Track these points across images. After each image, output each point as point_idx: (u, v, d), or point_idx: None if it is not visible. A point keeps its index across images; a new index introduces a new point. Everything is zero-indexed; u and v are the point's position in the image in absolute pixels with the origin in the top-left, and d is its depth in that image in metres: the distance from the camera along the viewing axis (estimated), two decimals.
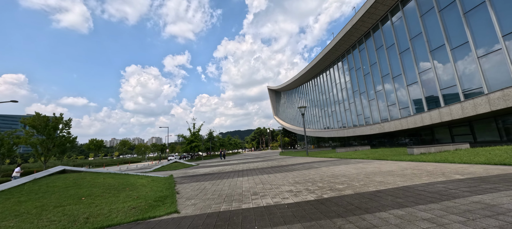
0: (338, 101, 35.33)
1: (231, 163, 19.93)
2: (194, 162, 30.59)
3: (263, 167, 12.86)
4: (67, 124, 21.98)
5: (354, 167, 8.84)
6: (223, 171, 12.76)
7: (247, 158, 27.67)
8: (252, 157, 31.57)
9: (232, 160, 25.60)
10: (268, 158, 22.80)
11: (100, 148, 44.40)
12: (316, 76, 43.72)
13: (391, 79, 22.78)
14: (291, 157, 21.10)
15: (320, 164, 11.58)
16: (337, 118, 36.04)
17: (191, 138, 40.54)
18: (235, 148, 77.55)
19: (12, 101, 22.80)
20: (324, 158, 15.34)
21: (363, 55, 27.56)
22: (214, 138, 51.18)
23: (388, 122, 22.01)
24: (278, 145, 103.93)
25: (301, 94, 54.28)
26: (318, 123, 44.26)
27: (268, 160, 20.38)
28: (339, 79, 34.44)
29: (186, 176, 11.78)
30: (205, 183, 8.47)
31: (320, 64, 37.55)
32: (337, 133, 34.02)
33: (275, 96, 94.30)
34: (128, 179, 9.44)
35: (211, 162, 27.38)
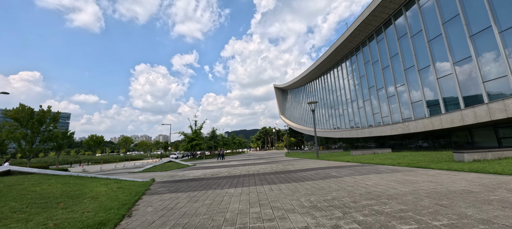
0: (350, 99, 32.27)
1: (229, 165, 17.52)
2: (192, 161, 28.41)
3: (265, 173, 10.33)
4: (55, 118, 20.23)
5: (396, 180, 6.18)
6: (215, 176, 10.33)
7: (250, 159, 25.21)
8: (256, 157, 29.08)
9: (233, 161, 23.21)
10: (272, 160, 20.26)
11: (100, 144, 43.13)
12: (326, 72, 40.69)
13: (416, 72, 19.69)
14: (299, 159, 18.47)
15: (340, 171, 8.93)
16: (349, 117, 32.98)
17: (192, 136, 38.49)
18: (239, 148, 75.29)
19: (3, 93, 21.25)
20: (340, 163, 12.63)
21: (382, 46, 24.48)
22: (217, 137, 49.01)
23: (414, 121, 18.95)
24: (284, 145, 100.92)
25: (309, 93, 51.29)
26: (328, 122, 41.24)
27: (272, 162, 17.81)
28: (352, 75, 31.37)
29: (170, 181, 9.43)
30: (181, 197, 6.05)
31: (331, 58, 34.56)
32: (349, 133, 31.00)
33: (281, 95, 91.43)
34: (85, 186, 7.16)
35: (210, 162, 25.09)
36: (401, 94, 21.98)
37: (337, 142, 40.25)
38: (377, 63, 25.45)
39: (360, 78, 29.37)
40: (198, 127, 39.96)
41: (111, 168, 25.26)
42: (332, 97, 38.65)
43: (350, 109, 32.74)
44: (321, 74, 42.99)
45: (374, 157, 13.87)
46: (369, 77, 27.37)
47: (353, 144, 35.19)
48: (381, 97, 25.29)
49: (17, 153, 39.54)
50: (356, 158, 14.42)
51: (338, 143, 40.10)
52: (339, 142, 39.67)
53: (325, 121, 42.45)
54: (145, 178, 10.82)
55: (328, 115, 40.95)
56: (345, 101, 34.02)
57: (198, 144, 37.82)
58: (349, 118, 33.02)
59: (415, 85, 20.19)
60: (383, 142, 27.11)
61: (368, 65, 27.31)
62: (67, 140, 34.91)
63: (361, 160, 13.03)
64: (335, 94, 37.46)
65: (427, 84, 18.87)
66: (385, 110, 24.65)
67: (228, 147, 57.27)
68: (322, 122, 44.07)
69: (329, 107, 40.36)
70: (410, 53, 20.46)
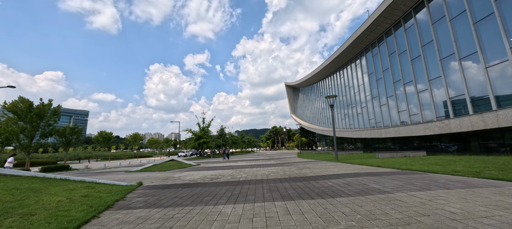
0: (370, 96, 29.16)
1: (235, 166, 15.52)
2: (198, 160, 26.78)
3: (277, 179, 8.19)
4: (56, 113, 19.31)
5: (495, 204, 3.81)
6: (215, 181, 8.35)
7: (259, 159, 23.13)
8: (265, 158, 26.96)
9: (240, 161, 21.24)
10: (284, 161, 18.04)
11: (109, 140, 43.02)
12: (342, 68, 37.61)
13: (457, 60, 16.59)
14: (314, 161, 16.11)
15: (380, 181, 6.60)
16: (368, 116, 29.89)
17: (200, 133, 37.01)
18: (249, 147, 73.49)
19: (9, 87, 20.68)
20: (370, 168, 10.19)
21: (412, 34, 21.38)
22: (225, 135, 47.38)
23: (457, 119, 15.80)
24: (295, 145, 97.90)
25: (322, 90, 48.26)
26: (343, 122, 38.17)
27: (284, 163, 15.59)
28: (373, 69, 28.26)
29: (157, 187, 7.58)
30: (152, 218, 4.08)
31: (349, 51, 31.58)
32: (370, 133, 27.97)
33: (293, 93, 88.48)
34: (39, 193, 5.44)
35: (216, 161, 23.29)
36: (436, 89, 18.87)
37: (352, 143, 37.11)
38: (405, 53, 22.34)
39: (383, 72, 26.26)
40: (206, 124, 38.45)
41: (115, 165, 24.22)
42: (349, 94, 35.57)
43: (369, 107, 29.64)
44: (336, 70, 39.93)
45: (411, 162, 11.25)
46: (395, 70, 24.26)
47: (371, 145, 32.04)
48: (409, 93, 22.18)
49: None
50: (387, 162, 11.85)
51: (353, 143, 36.98)
52: (355, 143, 36.55)
53: (340, 120, 39.38)
54: (133, 181, 9.08)
55: (343, 114, 37.87)
56: (364, 99, 30.93)
57: (206, 142, 36.27)
58: (368, 117, 29.93)
59: (454, 77, 17.08)
60: (402, 144, 23.97)
61: (394, 56, 24.21)
62: (76, 136, 34.74)
63: (395, 165, 10.50)
64: (352, 91, 34.37)
65: (471, 76, 15.75)
66: (414, 107, 21.55)
67: (237, 146, 55.55)
68: (337, 121, 41.02)
69: (344, 105, 37.30)
70: (448, 39, 17.35)
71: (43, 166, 18.75)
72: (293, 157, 25.13)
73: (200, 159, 30.48)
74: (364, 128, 30.50)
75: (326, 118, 47.18)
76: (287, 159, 21.44)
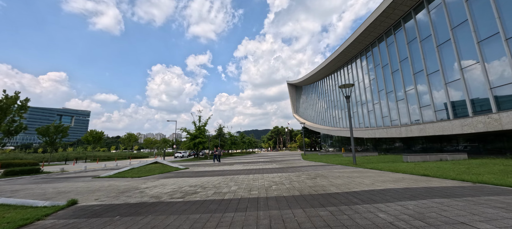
0: (384, 91, 26.03)
1: (228, 170, 12.56)
2: (190, 163, 23.82)
3: (282, 196, 5.20)
4: (23, 107, 16.61)
5: None
6: (190, 198, 5.36)
7: (259, 161, 20.16)
8: (266, 159, 23.98)
9: (236, 164, 18.29)
10: (288, 164, 15.06)
11: (100, 140, 40.36)
12: (349, 62, 34.53)
13: (502, 42, 13.46)
14: (325, 165, 13.11)
15: (473, 210, 3.56)
16: (382, 113, 26.76)
17: (195, 133, 34.14)
18: (249, 147, 70.50)
19: None
20: (416, 179, 7.16)
21: (439, 15, 18.24)
22: (224, 134, 44.47)
23: None
24: (297, 146, 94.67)
25: (327, 87, 45.10)
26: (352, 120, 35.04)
27: (289, 168, 12.58)
28: (388, 61, 25.14)
29: (96, 211, 4.65)
30: None
31: (360, 41, 28.49)
32: (386, 132, 24.78)
33: (295, 92, 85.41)
34: None
35: (210, 164, 20.35)
36: (472, 77, 15.72)
37: (359, 144, 33.95)
38: (429, 39, 19.23)
39: (400, 62, 23.13)
40: (202, 123, 35.58)
41: (99, 167, 21.40)
42: (358, 90, 32.45)
43: (383, 104, 26.50)
44: (342, 65, 36.82)
45: (468, 168, 8.19)
46: (415, 59, 21.14)
47: (379, 146, 28.96)
48: (434, 85, 19.06)
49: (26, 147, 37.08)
50: (430, 168, 8.80)
51: (366, 144, 33.83)
52: (367, 143, 33.41)
53: (346, 120, 36.29)
54: (82, 194, 6.18)
55: (352, 111, 34.74)
56: (377, 94, 27.79)
57: (202, 142, 33.38)
58: (382, 114, 26.79)
59: (499, 61, 13.94)
60: (411, 144, 20.85)
61: (414, 44, 21.09)
62: (61, 134, 32.08)
63: (449, 173, 7.45)
64: (362, 87, 31.25)
65: None
66: (439, 103, 18.42)
67: (237, 146, 52.58)
68: (344, 120, 37.90)
69: (352, 103, 34.16)
70: (488, 16, 14.23)
71: (7, 169, 16.02)
72: (297, 159, 22.08)
73: (195, 161, 27.58)
74: (378, 127, 27.34)
75: (331, 117, 44.00)
76: (292, 161, 18.41)
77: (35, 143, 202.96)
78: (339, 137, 44.97)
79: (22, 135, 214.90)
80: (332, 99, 43.22)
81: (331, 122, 43.78)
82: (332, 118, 43.40)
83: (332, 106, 43.20)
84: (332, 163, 14.39)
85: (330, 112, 44.62)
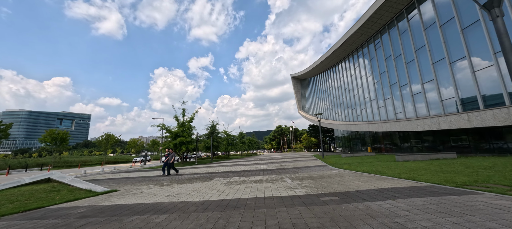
0: (426, 73, 17.91)
1: (174, 205, 4.59)
2: (143, 174, 15.83)
3: None
4: None
5: None
6: None
7: (251, 170, 12.24)
8: (268, 162, 16.11)
9: (219, 176, 10.40)
10: (306, 174, 7.23)
11: (64, 141, 33.02)
12: (363, 44, 26.47)
13: None
14: (387, 179, 5.20)
15: None
16: (416, 101, 18.65)
17: (177, 130, 26.35)
18: (251, 149, 62.51)
19: None
20: None
21: None
22: (217, 133, 36.59)
23: None
24: (303, 146, 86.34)
25: (338, 76, 36.96)
26: (364, 114, 26.91)
27: (317, 193, 4.58)
28: (424, 35, 17.03)
29: None
30: None
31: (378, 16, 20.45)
32: (432, 123, 16.61)
33: (300, 87, 77.37)
34: None
35: (189, 173, 12.43)
36: None
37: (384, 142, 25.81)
38: (452, 22, 11.18)
39: (444, 39, 15.04)
40: (187, 118, 27.79)
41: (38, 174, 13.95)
42: (395, 68, 24.34)
43: (421, 88, 18.39)
44: (356, 48, 28.77)
45: None
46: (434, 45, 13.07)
47: (397, 144, 20.87)
48: None
49: None
50: None
51: (385, 143, 25.70)
52: (385, 143, 25.28)
53: (365, 111, 28.15)
54: None
55: (384, 100, 26.58)
56: (431, 68, 19.67)
57: (185, 142, 25.50)
58: (415, 103, 18.66)
59: None
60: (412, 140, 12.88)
61: (432, 28, 13.06)
62: (2, 133, 24.67)
63: None
64: (402, 62, 23.15)
65: None
66: None
67: (235, 148, 44.62)
68: (356, 112, 29.86)
69: (372, 89, 26.08)
70: None
71: None
72: (321, 165, 14.00)
73: None
74: (419, 117, 19.14)
75: (350, 110, 35.76)
76: (306, 168, 10.43)
77: (35, 147, 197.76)
78: (351, 135, 36.75)
79: (22, 140, 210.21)
80: (338, 92, 35.06)
81: (351, 116, 35.53)
82: (352, 112, 35.17)
83: (352, 96, 35.01)
84: (390, 175, 6.46)
85: (345, 105, 36.41)
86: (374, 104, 27.30)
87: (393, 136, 25.52)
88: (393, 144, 25.37)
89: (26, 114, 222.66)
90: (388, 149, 26.07)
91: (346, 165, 11.04)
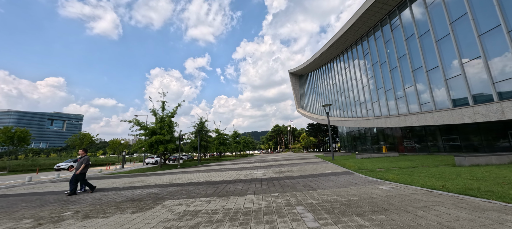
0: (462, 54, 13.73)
1: None
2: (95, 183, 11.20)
3: None
4: None
5: None
6: None
7: (249, 173, 7.78)
8: (264, 166, 11.69)
9: (198, 177, 5.88)
10: (334, 194, 2.89)
11: (23, 140, 27.56)
12: (376, 25, 22.29)
13: None
14: None
15: None
16: (451, 86, 14.45)
17: (154, 127, 21.69)
18: (246, 149, 57.92)
19: None
20: None
21: None
22: (207, 131, 31.94)
23: None
24: (302, 146, 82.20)
25: (343, 67, 32.80)
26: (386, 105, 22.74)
27: None
28: None
29: None
30: None
31: None
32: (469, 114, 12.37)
33: (299, 83, 73.23)
34: None
35: (135, 184, 7.88)
36: None
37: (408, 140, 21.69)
38: None
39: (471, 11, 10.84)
40: (168, 112, 23.14)
41: None
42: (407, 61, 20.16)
43: (457, 71, 14.19)
44: (367, 30, 24.59)
45: None
46: None
47: (424, 141, 16.79)
48: None
49: None
50: None
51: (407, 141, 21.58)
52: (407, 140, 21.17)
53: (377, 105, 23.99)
54: None
55: (385, 90, 22.39)
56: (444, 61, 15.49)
57: (164, 141, 20.83)
58: (452, 87, 14.48)
59: None
60: None
61: None
62: None
63: None
64: (428, 39, 18.98)
65: None
66: None
67: (228, 148, 39.97)
68: (365, 107, 25.75)
69: (388, 77, 21.95)
70: None
71: None
72: (342, 172, 9.61)
73: (137, 173, 15.10)
74: (459, 106, 14.92)
75: (357, 105, 31.58)
76: (349, 187, 6.03)
77: (24, 148, 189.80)
78: (359, 133, 32.61)
79: None
80: (360, 78, 30.87)
81: (359, 111, 31.32)
82: (360, 106, 30.98)
83: (360, 89, 30.80)
84: None
85: (356, 99, 32.21)
86: (391, 95, 23.07)
87: (417, 132, 21.30)
88: (419, 141, 20.89)
89: (15, 115, 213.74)
90: (409, 148, 21.82)
91: (393, 175, 6.70)
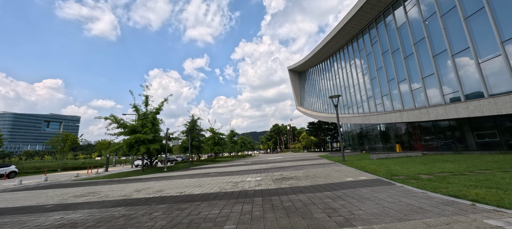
0: None
1: None
2: None
3: None
4: None
5: None
6: None
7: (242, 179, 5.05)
8: (262, 169, 8.95)
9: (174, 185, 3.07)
10: None
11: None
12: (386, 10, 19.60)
13: None
14: None
15: None
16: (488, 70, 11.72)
17: (135, 125, 18.87)
18: (245, 150, 55.08)
19: None
20: None
21: None
22: (200, 131, 29.13)
23: None
24: (302, 145, 79.45)
25: (348, 60, 30.11)
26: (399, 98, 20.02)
27: None
28: None
29: None
30: None
31: None
32: None
33: (298, 80, 70.55)
34: None
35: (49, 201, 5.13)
36: None
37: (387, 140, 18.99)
38: None
39: None
40: (152, 109, 20.33)
41: None
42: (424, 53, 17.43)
43: None
44: (375, 16, 21.89)
45: None
46: None
47: (450, 137, 14.05)
48: None
49: None
50: None
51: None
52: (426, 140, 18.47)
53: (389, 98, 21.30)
54: None
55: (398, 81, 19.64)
56: None
57: (146, 141, 18.00)
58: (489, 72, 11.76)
59: None
60: None
61: None
62: None
63: None
64: (456, 16, 16.24)
65: None
66: None
67: (223, 149, 37.14)
68: (374, 102, 23.09)
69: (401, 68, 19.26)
70: None
71: None
72: (370, 180, 6.84)
73: (109, 178, 12.26)
74: None
75: (364, 100, 28.85)
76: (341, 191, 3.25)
77: (19, 151, 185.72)
78: (366, 131, 29.93)
79: (7, 143, 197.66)
80: (367, 70, 28.13)
81: (367, 107, 28.56)
82: (368, 101, 28.23)
83: (367, 82, 28.05)
84: None
85: (363, 93, 29.49)
86: (405, 87, 20.33)
87: (439, 128, 18.54)
88: (442, 138, 17.96)
89: (10, 117, 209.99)
90: (429, 146, 19.00)
91: (476, 189, 3.98)
